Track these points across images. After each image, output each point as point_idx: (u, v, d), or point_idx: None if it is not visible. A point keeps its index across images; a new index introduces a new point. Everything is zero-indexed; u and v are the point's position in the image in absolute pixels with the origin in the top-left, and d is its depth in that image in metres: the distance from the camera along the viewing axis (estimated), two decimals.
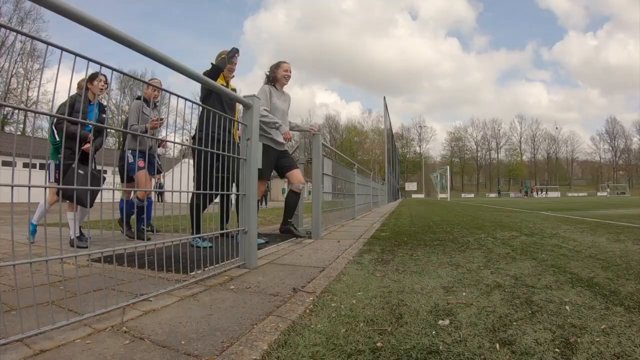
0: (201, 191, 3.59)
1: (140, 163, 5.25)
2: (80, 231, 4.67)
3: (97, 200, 4.17)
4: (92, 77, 4.95)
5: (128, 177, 5.61)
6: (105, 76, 4.99)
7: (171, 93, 2.62)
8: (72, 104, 4.56)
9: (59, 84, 1.87)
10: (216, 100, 4.59)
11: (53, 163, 4.98)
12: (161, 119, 5.21)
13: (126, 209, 5.50)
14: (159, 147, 5.94)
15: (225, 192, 3.78)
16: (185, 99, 2.68)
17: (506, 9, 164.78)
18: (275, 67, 5.34)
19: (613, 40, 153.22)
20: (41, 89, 42.46)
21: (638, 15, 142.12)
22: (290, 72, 5.40)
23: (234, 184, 3.65)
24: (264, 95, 5.11)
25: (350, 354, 1.59)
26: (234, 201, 4.37)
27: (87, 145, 4.66)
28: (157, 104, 5.98)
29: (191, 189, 3.41)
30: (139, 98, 5.56)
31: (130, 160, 5.22)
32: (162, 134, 5.34)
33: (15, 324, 1.83)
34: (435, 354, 1.59)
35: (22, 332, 1.64)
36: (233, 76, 5.15)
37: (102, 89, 5.05)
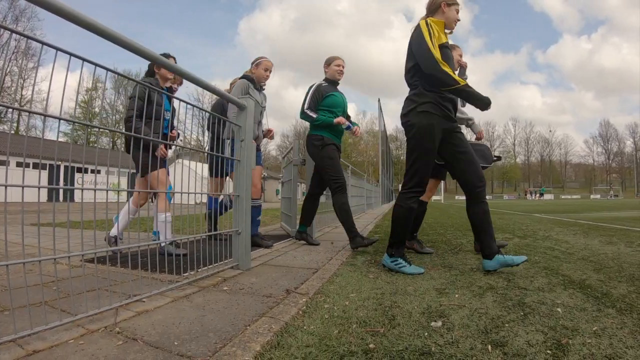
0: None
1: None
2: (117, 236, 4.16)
3: (90, 200, 3.82)
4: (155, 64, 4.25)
5: (221, 171, 4.87)
6: (174, 58, 4.30)
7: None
8: (146, 95, 3.91)
9: (53, 82, 1.87)
10: None
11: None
12: (271, 132, 4.92)
13: (214, 210, 5.08)
14: (264, 137, 5.15)
15: (219, 194, 3.78)
16: (180, 100, 2.69)
17: (501, 12, 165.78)
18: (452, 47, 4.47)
19: (607, 44, 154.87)
20: (35, 88, 42.22)
21: (632, 19, 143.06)
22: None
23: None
24: None
25: (342, 355, 1.59)
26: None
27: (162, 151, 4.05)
28: (264, 87, 5.03)
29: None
30: (244, 77, 4.77)
31: (228, 154, 4.35)
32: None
33: (8, 325, 1.82)
34: (428, 355, 1.59)
35: (15, 332, 1.63)
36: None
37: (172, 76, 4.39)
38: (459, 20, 3.54)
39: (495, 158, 4.16)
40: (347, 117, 5.04)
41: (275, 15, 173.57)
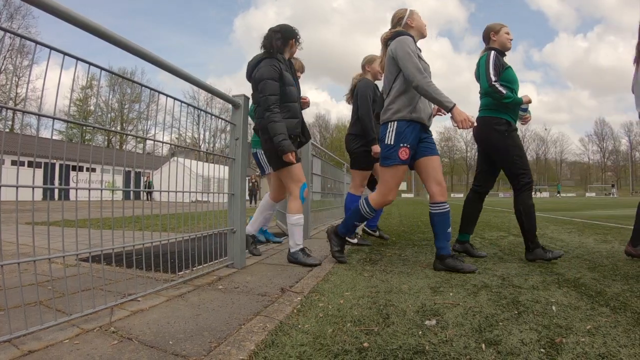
0: (192, 191, 3.57)
1: (403, 153, 3.32)
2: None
3: (84, 198, 3.51)
4: (295, 35, 3.80)
5: (368, 163, 4.63)
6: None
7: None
8: (280, 75, 3.53)
9: (47, 80, 1.87)
10: None
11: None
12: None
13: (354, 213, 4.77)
14: (433, 116, 3.76)
15: (214, 192, 3.77)
16: (175, 99, 2.69)
17: (498, 10, 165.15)
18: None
19: (603, 43, 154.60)
20: (30, 86, 42.08)
21: (628, 18, 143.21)
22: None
23: None
24: None
25: (337, 354, 1.60)
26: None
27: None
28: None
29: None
30: (400, 34, 3.52)
31: (389, 141, 3.35)
32: (151, 133, 4.70)
33: (3, 325, 1.82)
34: (421, 354, 1.60)
35: (10, 332, 1.63)
36: None
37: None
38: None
39: None
40: None
41: (270, 12, 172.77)
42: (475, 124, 3.14)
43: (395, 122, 3.34)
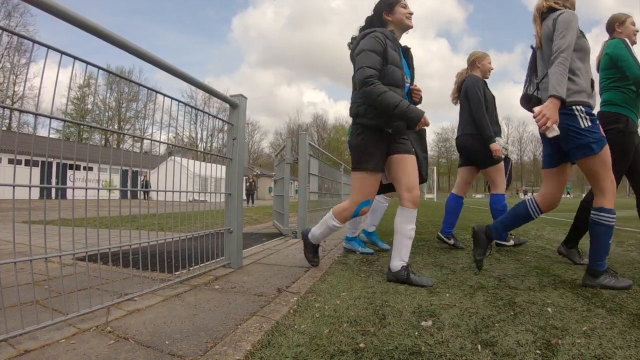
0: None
1: (603, 130, 2.85)
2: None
3: (81, 197, 3.26)
4: (394, 2, 3.07)
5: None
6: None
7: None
8: (383, 50, 2.88)
9: (45, 79, 1.87)
10: None
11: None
12: None
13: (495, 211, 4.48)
14: None
15: (211, 192, 3.77)
16: (172, 98, 2.69)
17: (496, 11, 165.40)
18: None
19: (601, 44, 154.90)
20: (27, 84, 41.93)
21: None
22: None
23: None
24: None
25: (333, 354, 1.60)
26: None
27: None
28: None
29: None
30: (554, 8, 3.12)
31: (586, 124, 2.75)
32: (148, 132, 4.60)
33: None
34: (418, 354, 1.60)
35: (6, 332, 1.63)
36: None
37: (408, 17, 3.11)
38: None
39: None
40: None
41: (269, 12, 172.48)
42: (551, 129, 2.64)
43: (581, 106, 2.78)
